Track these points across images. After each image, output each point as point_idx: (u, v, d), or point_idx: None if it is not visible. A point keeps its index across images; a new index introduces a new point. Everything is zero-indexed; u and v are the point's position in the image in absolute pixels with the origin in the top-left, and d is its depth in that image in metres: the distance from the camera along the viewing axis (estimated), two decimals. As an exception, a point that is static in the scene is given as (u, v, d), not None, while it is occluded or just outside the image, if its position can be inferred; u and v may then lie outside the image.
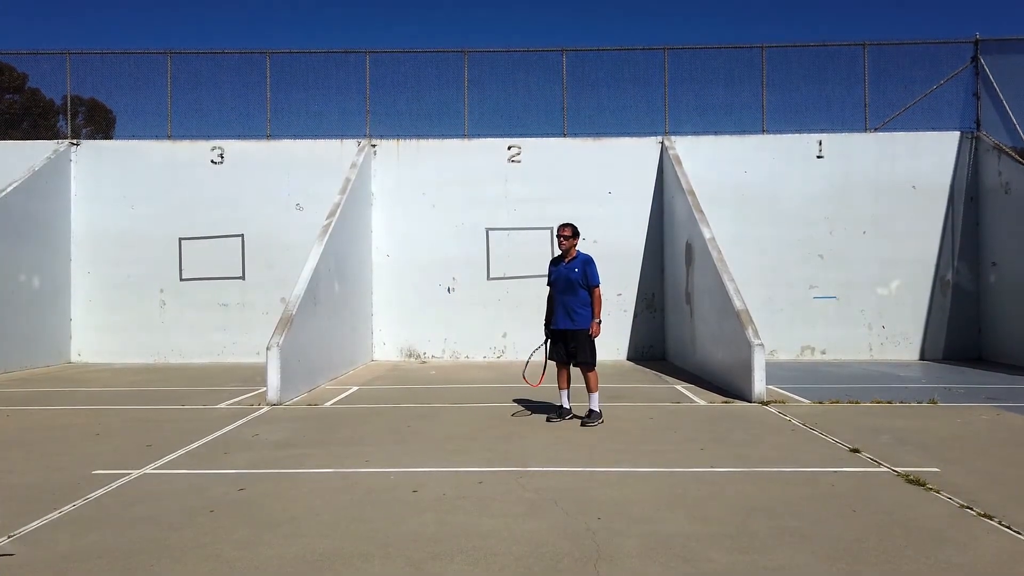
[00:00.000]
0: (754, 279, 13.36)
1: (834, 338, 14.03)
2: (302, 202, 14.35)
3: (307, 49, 15.68)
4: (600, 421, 7.24)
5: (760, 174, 14.24)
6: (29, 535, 3.99)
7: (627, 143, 14.62)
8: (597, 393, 7.33)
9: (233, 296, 14.43)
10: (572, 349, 7.31)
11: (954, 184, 14.20)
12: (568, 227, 7.43)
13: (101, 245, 14.45)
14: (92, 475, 5.27)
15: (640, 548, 3.75)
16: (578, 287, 7.24)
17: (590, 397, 7.31)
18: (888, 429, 6.88)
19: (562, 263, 7.45)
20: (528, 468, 5.44)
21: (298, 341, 9.49)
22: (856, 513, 4.33)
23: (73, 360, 14.34)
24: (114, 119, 18.50)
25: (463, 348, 14.42)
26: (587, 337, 7.25)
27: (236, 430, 7.12)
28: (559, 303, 7.36)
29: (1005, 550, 3.72)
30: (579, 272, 7.28)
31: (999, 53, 14.21)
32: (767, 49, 14.66)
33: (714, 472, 5.36)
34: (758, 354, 8.64)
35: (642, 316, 14.42)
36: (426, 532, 4.01)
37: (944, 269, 14.16)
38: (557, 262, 7.53)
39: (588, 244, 13.74)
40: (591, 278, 7.25)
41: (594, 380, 7.29)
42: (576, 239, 7.44)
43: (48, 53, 15.19)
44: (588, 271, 7.27)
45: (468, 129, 14.84)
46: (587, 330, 7.24)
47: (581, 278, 7.26)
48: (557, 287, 7.42)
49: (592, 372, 7.29)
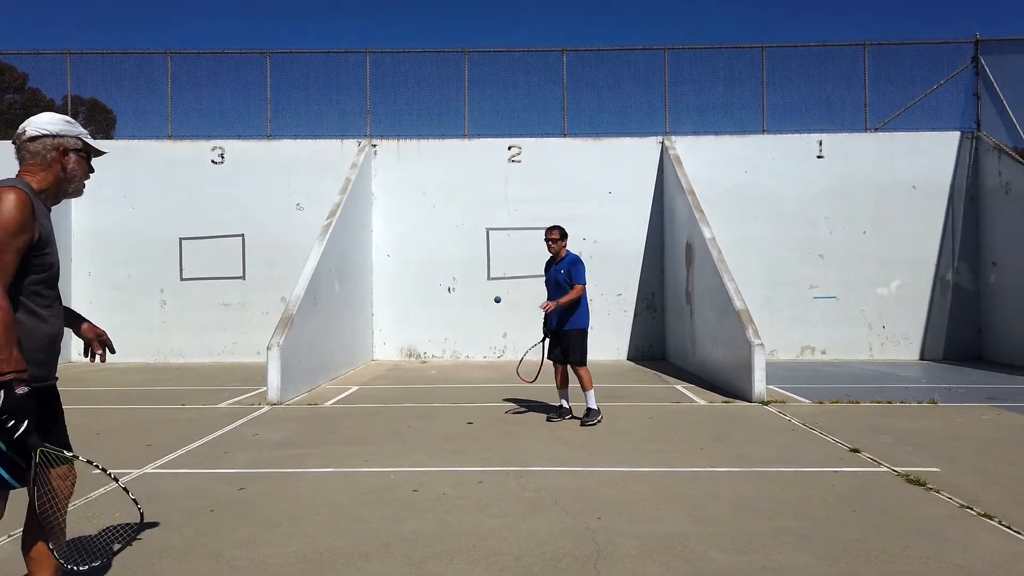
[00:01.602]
0: (754, 279, 13.36)
1: (834, 338, 14.03)
2: (302, 202, 14.35)
3: (307, 49, 15.74)
4: (599, 419, 7.26)
5: (760, 174, 14.24)
6: (29, 535, 3.99)
7: (627, 143, 14.62)
8: (592, 391, 7.35)
9: (233, 296, 14.43)
10: (565, 348, 7.36)
11: (954, 184, 14.20)
12: (555, 229, 7.47)
13: (101, 245, 14.45)
14: (93, 474, 5.27)
15: (640, 548, 3.75)
16: (566, 288, 7.28)
17: (586, 396, 7.34)
18: (888, 429, 6.88)
19: (553, 265, 7.52)
20: (528, 468, 5.44)
21: (298, 341, 9.49)
22: (856, 513, 4.33)
23: (74, 360, 14.34)
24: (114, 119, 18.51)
25: (463, 348, 14.42)
26: (577, 336, 7.30)
27: (236, 430, 7.12)
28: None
29: (1005, 550, 3.72)
30: (565, 273, 7.34)
31: (999, 53, 14.21)
32: (767, 49, 14.66)
33: (714, 472, 5.36)
34: (758, 354, 8.65)
35: (642, 316, 14.42)
36: (426, 532, 4.02)
37: (944, 269, 14.16)
38: (549, 265, 7.61)
39: (588, 244, 13.82)
40: (575, 277, 7.27)
41: (587, 378, 7.32)
42: (564, 241, 7.48)
43: (49, 53, 15.20)
44: (573, 271, 7.30)
45: (468, 129, 14.85)
46: (578, 329, 7.29)
47: (567, 279, 7.31)
48: (548, 289, 7.53)
49: (583, 369, 7.31)
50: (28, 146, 2.66)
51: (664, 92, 14.72)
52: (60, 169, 2.70)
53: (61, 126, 2.70)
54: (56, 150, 2.68)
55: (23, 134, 2.66)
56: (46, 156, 2.67)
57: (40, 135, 2.65)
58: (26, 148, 2.66)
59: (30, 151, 2.66)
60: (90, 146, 2.80)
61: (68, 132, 2.71)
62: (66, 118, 2.75)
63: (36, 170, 2.67)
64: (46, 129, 2.66)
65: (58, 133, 2.67)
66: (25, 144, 2.66)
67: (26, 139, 2.65)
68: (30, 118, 2.70)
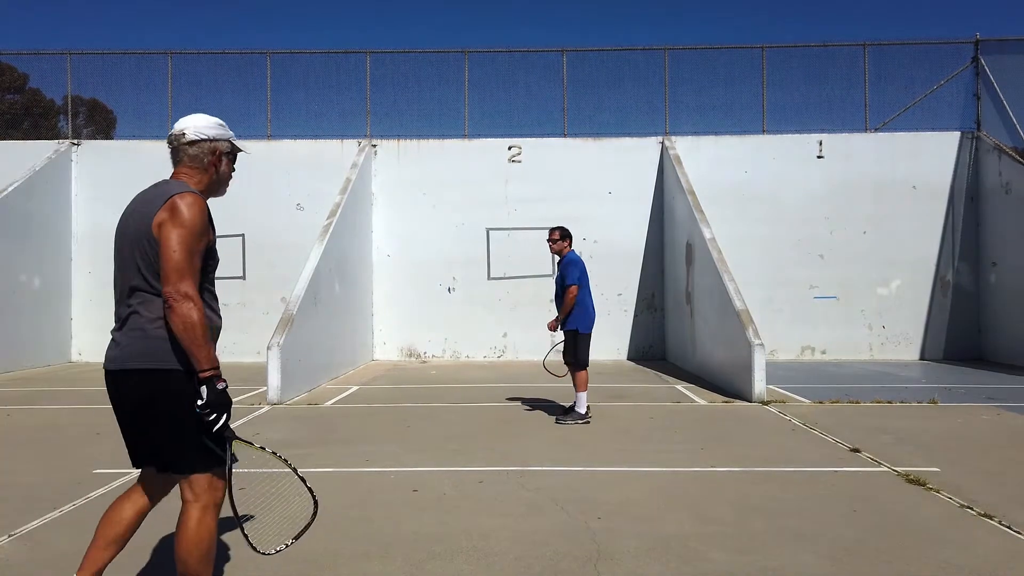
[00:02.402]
0: (754, 279, 13.34)
1: (834, 338, 14.03)
2: (303, 202, 14.35)
3: (307, 49, 15.72)
4: (581, 421, 7.16)
5: (761, 174, 14.24)
6: (29, 534, 4.00)
7: (627, 143, 14.62)
8: (584, 393, 7.24)
9: (233, 296, 14.41)
10: (565, 348, 7.39)
11: (954, 184, 14.20)
12: (556, 230, 7.46)
13: (102, 245, 14.41)
14: (93, 474, 5.28)
15: (640, 548, 3.75)
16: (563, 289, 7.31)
17: (577, 396, 7.27)
18: (888, 429, 6.88)
19: (558, 265, 7.58)
20: (528, 468, 5.44)
21: (298, 341, 9.49)
22: (856, 513, 4.33)
23: (74, 359, 14.35)
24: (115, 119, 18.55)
25: (463, 348, 14.42)
26: (574, 337, 7.26)
27: (237, 430, 7.09)
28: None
29: (1005, 550, 3.72)
30: (559, 274, 7.38)
31: (999, 53, 14.21)
32: (767, 49, 14.66)
33: (714, 472, 5.36)
34: (758, 354, 8.64)
35: (642, 316, 14.42)
36: (426, 532, 4.01)
37: (944, 269, 14.16)
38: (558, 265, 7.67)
39: (588, 244, 13.82)
40: (566, 278, 7.26)
41: (580, 380, 7.23)
42: (565, 241, 7.44)
43: (49, 53, 15.21)
44: (565, 272, 7.28)
45: (468, 129, 14.86)
46: (571, 331, 7.27)
47: (560, 279, 7.35)
48: (555, 288, 7.61)
49: (580, 372, 7.24)
50: (187, 149, 2.73)
51: (664, 92, 14.73)
52: (215, 172, 2.80)
53: (217, 130, 2.77)
54: (212, 154, 2.77)
55: (182, 137, 2.72)
56: (203, 159, 2.76)
57: (200, 139, 2.73)
58: (184, 151, 2.74)
59: (189, 154, 2.74)
60: (236, 148, 2.90)
61: (222, 136, 2.79)
62: (219, 121, 2.82)
63: (194, 173, 2.76)
64: (205, 133, 2.73)
65: (215, 137, 2.75)
66: (184, 147, 2.73)
67: (186, 143, 2.73)
68: (186, 120, 2.76)
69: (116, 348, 2.62)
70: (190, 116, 2.79)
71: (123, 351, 2.59)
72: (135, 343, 2.57)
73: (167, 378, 2.55)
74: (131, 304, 2.60)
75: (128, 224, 2.66)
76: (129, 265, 2.61)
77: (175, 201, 2.56)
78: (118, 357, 2.60)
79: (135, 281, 2.59)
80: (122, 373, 2.59)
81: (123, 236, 2.66)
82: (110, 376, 2.64)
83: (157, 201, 2.59)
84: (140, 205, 2.66)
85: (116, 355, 2.61)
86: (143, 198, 2.70)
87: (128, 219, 2.67)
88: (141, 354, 2.56)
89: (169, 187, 2.66)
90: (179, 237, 2.51)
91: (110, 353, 2.64)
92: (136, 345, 2.57)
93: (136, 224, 2.61)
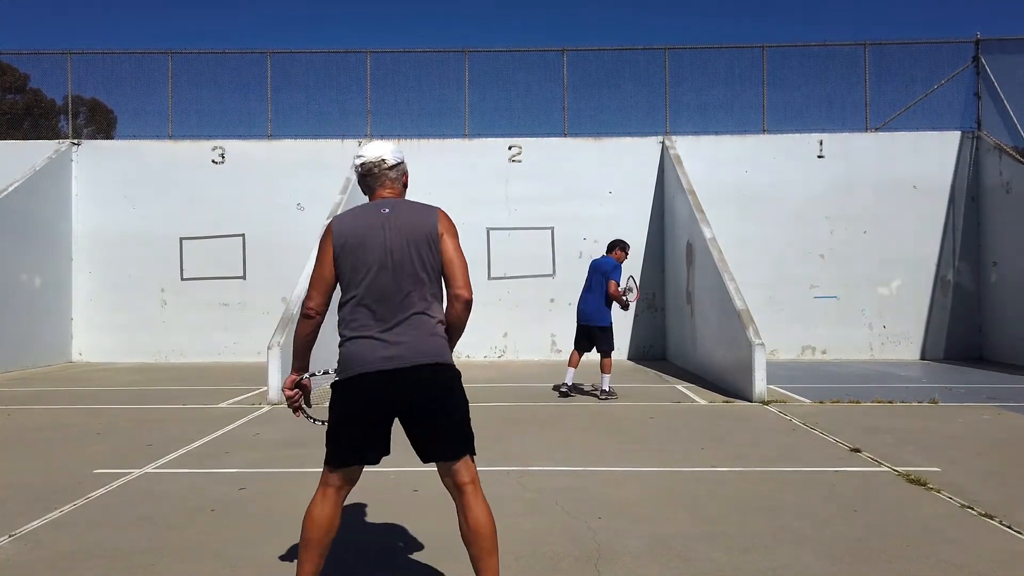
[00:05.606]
0: (755, 279, 13.34)
1: (835, 338, 14.03)
2: (303, 202, 14.34)
3: (307, 49, 15.74)
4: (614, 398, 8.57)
5: (761, 174, 14.23)
6: (30, 534, 4.00)
7: (628, 143, 14.61)
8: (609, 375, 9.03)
9: (234, 296, 14.43)
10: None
11: (955, 184, 14.19)
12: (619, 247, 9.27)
13: (102, 245, 14.45)
14: (93, 474, 5.28)
15: (641, 548, 3.75)
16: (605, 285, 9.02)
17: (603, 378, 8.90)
18: (889, 429, 6.88)
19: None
20: (528, 468, 5.44)
21: (299, 341, 9.47)
22: (857, 513, 4.33)
23: (74, 359, 14.35)
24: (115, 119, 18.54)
25: (463, 348, 14.39)
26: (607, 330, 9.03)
27: (237, 429, 7.12)
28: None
29: (1006, 550, 3.72)
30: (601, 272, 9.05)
31: (1000, 53, 14.20)
32: (768, 49, 14.65)
33: (715, 471, 5.36)
34: (759, 354, 8.64)
35: (642, 316, 14.41)
36: (426, 532, 4.01)
37: (945, 269, 14.15)
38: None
39: (589, 244, 13.82)
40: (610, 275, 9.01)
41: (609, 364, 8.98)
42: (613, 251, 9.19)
43: (49, 53, 15.21)
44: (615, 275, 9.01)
45: (469, 129, 14.85)
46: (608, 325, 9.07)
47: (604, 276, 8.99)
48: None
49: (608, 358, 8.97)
50: (389, 173, 3.01)
51: (664, 92, 14.72)
52: (404, 191, 3.12)
53: (402, 153, 3.10)
54: (405, 175, 3.10)
55: (383, 163, 2.99)
56: (400, 180, 3.07)
57: (398, 163, 3.03)
58: (386, 175, 3.01)
59: (391, 177, 3.02)
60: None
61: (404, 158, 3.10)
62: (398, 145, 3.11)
63: (397, 190, 3.05)
64: (399, 157, 3.04)
65: (403, 160, 3.07)
66: (385, 172, 3.01)
67: (387, 167, 3.00)
68: (376, 148, 3.02)
69: (393, 347, 2.77)
70: (374, 144, 3.04)
71: (409, 348, 2.77)
72: (422, 341, 2.79)
73: (455, 371, 2.88)
74: (413, 305, 2.80)
75: (396, 233, 2.82)
76: (405, 270, 2.81)
77: (445, 213, 2.93)
78: (402, 355, 2.76)
79: (413, 285, 2.81)
80: (411, 369, 2.76)
81: (388, 243, 2.81)
82: (386, 375, 2.76)
83: (426, 213, 2.89)
84: (408, 215, 2.87)
85: (397, 353, 2.76)
86: (405, 208, 2.90)
87: (391, 228, 2.83)
88: (433, 350, 2.80)
89: (417, 203, 2.95)
90: (456, 245, 2.90)
91: (385, 353, 2.77)
92: (425, 343, 2.80)
93: (408, 233, 2.82)
